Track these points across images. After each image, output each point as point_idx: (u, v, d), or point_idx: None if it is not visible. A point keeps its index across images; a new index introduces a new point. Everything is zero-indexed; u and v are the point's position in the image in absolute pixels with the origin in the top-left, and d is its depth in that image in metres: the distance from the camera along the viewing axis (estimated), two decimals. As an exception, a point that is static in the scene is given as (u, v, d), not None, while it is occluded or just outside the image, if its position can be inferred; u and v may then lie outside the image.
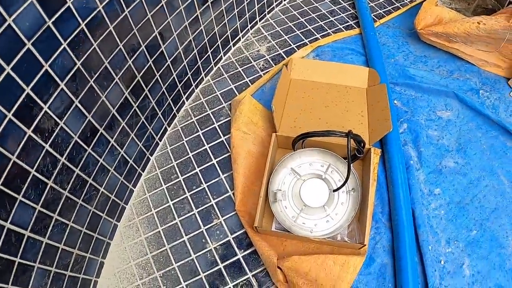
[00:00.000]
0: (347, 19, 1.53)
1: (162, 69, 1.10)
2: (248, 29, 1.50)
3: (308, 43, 1.43)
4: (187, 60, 1.21)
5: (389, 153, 1.06)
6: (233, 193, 1.08)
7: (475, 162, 1.10)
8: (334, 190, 0.96)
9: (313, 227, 0.95)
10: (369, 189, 0.94)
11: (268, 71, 1.34)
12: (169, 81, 1.16)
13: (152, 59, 1.04)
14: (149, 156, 1.18)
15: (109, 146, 0.97)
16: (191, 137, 1.22)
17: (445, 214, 1.01)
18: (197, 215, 1.07)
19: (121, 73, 0.93)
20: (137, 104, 1.04)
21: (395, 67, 1.33)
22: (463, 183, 1.06)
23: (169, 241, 1.04)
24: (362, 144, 0.94)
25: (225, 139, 1.19)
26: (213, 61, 1.37)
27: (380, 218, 1.01)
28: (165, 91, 1.15)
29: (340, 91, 1.19)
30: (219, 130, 1.22)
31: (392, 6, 1.59)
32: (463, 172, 1.08)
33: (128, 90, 0.99)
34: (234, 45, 1.45)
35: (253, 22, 1.51)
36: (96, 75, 0.85)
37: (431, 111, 1.20)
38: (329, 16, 1.55)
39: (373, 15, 1.53)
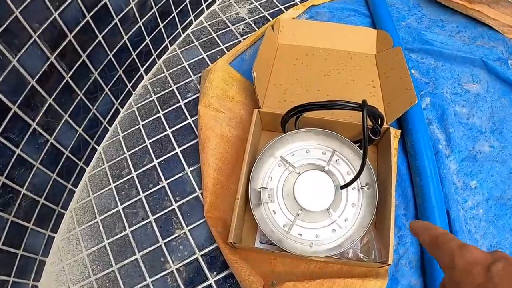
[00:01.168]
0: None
1: (107, 30, 0.83)
2: (225, -12, 1.21)
3: (299, 3, 1.15)
4: (143, 20, 0.93)
5: (413, 135, 0.79)
6: (202, 193, 0.80)
7: (514, 145, 0.85)
8: (342, 187, 0.68)
9: (313, 240, 0.67)
10: (390, 184, 0.67)
11: (249, 36, 1.06)
12: (119, 46, 0.88)
13: (90, 13, 0.77)
14: (95, 145, 0.90)
15: (30, 131, 0.70)
16: (149, 119, 0.94)
17: (484, 214, 0.77)
18: (153, 224, 0.80)
19: (41, 29, 0.67)
20: (70, 74, 0.76)
21: (408, 31, 1.06)
22: (503, 173, 0.82)
23: (117, 259, 0.77)
24: (379, 121, 0.67)
25: (192, 121, 0.92)
26: (180, 25, 1.09)
27: (403, 223, 0.75)
28: (113, 59, 0.87)
29: (343, 57, 0.92)
30: (185, 110, 0.94)
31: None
32: (501, 158, 0.83)
33: (55, 54, 0.71)
34: (207, 7, 1.17)
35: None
36: (1, 29, 0.59)
37: (456, 83, 0.95)
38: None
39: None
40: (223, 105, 0.83)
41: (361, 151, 0.66)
